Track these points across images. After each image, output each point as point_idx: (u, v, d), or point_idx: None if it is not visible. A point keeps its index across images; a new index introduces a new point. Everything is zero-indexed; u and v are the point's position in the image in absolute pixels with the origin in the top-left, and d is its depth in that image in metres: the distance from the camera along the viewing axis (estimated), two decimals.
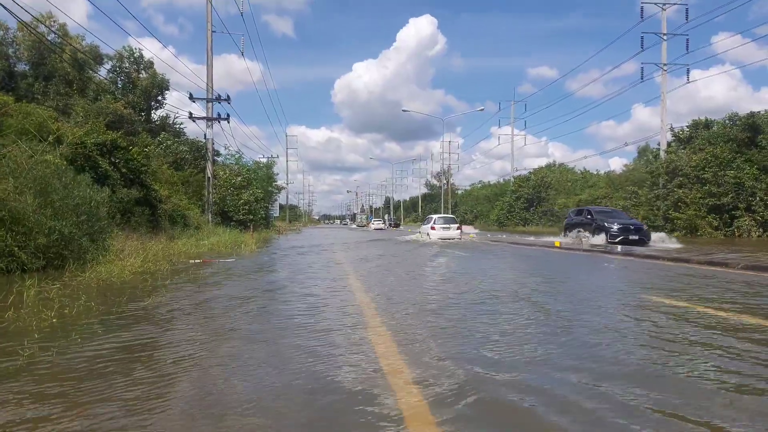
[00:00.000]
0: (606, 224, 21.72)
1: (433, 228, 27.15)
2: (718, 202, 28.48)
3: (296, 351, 4.31)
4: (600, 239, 21.29)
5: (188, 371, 3.79)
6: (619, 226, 21.24)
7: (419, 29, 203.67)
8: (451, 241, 25.96)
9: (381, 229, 64.62)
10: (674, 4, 32.98)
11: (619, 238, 20.67)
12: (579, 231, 23.23)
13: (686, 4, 32.54)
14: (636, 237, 20.68)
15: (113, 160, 16.12)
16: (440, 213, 57.50)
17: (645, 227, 22.40)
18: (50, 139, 12.86)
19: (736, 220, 28.28)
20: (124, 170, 16.52)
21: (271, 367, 3.83)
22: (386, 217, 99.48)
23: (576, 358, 4.07)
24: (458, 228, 27.71)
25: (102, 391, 3.31)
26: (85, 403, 3.11)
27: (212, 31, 26.82)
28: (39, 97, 32.70)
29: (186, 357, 4.17)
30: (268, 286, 8.73)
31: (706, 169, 29.26)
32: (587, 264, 13.48)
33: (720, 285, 8.49)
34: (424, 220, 36.94)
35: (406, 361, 3.95)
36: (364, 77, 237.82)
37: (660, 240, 21.57)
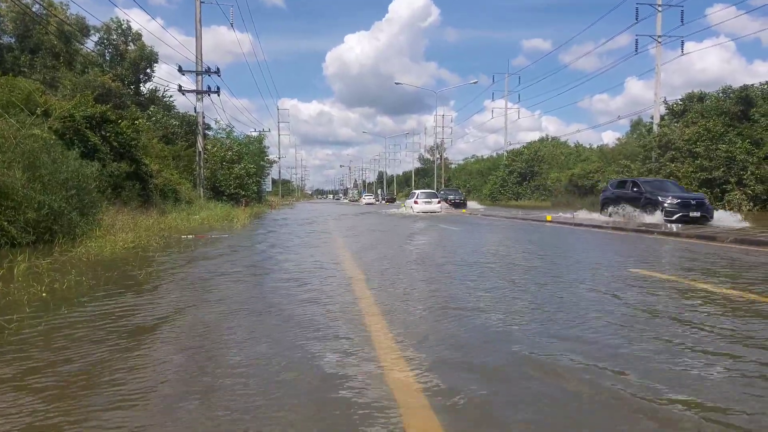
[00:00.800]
0: (660, 198, 18.52)
1: (416, 202, 31.14)
2: (710, 176, 28.59)
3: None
4: (654, 217, 18.13)
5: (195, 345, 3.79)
6: (677, 200, 18.22)
7: (412, 0, 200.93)
8: (432, 213, 29.48)
9: (372, 203, 67.93)
10: None
11: (677, 215, 17.68)
12: (624, 206, 19.92)
13: None
14: (698, 214, 17.80)
15: (103, 133, 15.91)
16: (433, 187, 59.42)
17: (707, 202, 19.23)
18: (38, 112, 12.65)
19: (727, 194, 28.43)
20: (114, 144, 16.32)
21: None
22: (380, 191, 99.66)
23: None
24: (438, 202, 31.64)
25: (88, 362, 3.30)
26: (72, 379, 3.10)
27: (201, 2, 26.35)
28: (25, 70, 32.13)
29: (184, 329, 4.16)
30: (265, 252, 8.77)
31: (698, 143, 29.30)
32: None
33: None
34: (408, 195, 42.09)
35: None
36: (356, 49, 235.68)
37: (725, 218, 18.76)
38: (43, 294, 5.31)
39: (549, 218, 20.85)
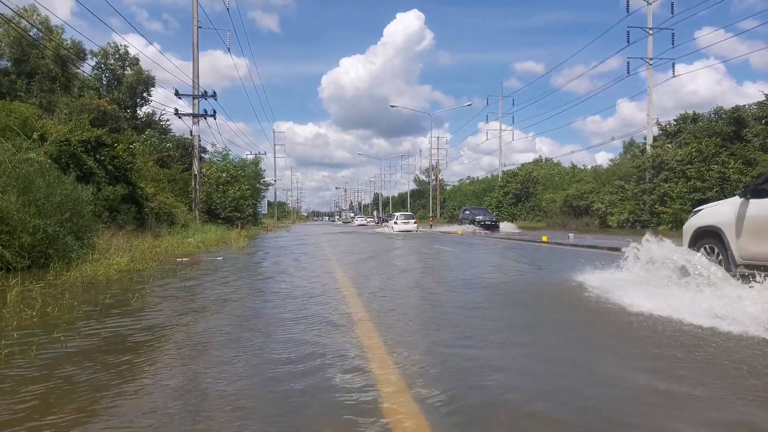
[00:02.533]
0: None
1: (395, 223, 38.82)
2: (703, 197, 28.73)
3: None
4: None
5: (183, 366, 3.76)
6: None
7: (407, 24, 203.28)
8: (408, 232, 35.52)
9: (363, 224, 73.88)
10: None
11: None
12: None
13: None
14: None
15: (98, 157, 15.94)
16: (429, 209, 60.58)
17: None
18: (34, 136, 12.69)
19: None
20: (109, 167, 16.34)
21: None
22: (375, 213, 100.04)
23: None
24: (414, 222, 39.13)
25: (78, 385, 3.27)
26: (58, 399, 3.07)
27: (198, 27, 26.61)
28: (22, 94, 32.24)
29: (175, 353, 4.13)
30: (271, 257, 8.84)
31: (691, 164, 29.51)
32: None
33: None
34: (388, 217, 52.04)
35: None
36: (351, 73, 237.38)
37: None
38: (34, 319, 5.27)
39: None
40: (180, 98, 26.69)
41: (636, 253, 7.08)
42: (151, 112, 40.01)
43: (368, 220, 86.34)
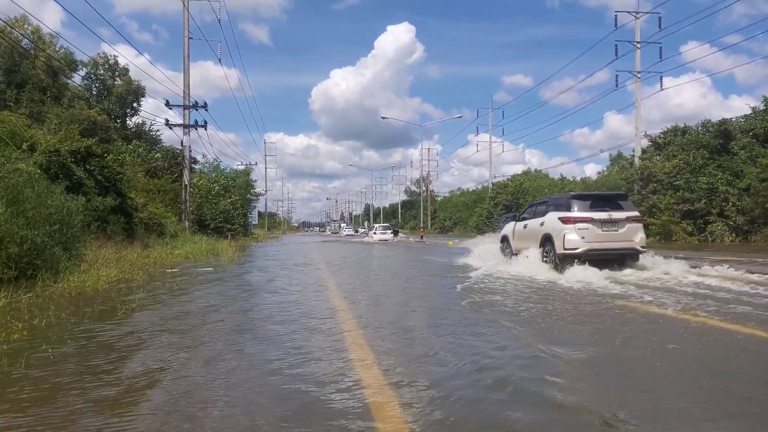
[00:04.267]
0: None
1: (375, 233, 46.54)
2: (692, 208, 28.93)
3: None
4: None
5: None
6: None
7: (397, 37, 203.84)
8: (385, 241, 40.91)
9: (350, 234, 78.53)
10: (647, 13, 33.63)
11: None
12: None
13: (659, 13, 33.18)
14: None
15: (88, 167, 15.86)
16: (420, 220, 61.18)
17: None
18: (24, 146, 12.63)
19: (709, 225, 28.74)
20: (99, 178, 16.27)
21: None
22: (366, 224, 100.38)
23: None
24: (392, 232, 46.42)
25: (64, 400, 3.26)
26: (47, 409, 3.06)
27: (189, 38, 26.64)
28: (12, 104, 32.04)
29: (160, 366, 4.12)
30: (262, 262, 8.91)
31: (679, 175, 29.76)
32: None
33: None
34: (369, 228, 62.25)
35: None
36: (341, 85, 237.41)
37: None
38: (24, 332, 5.24)
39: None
40: (171, 108, 26.68)
41: (477, 246, 17.14)
42: (141, 122, 39.88)
43: (360, 230, 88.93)
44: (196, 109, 26.67)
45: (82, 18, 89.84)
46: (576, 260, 10.56)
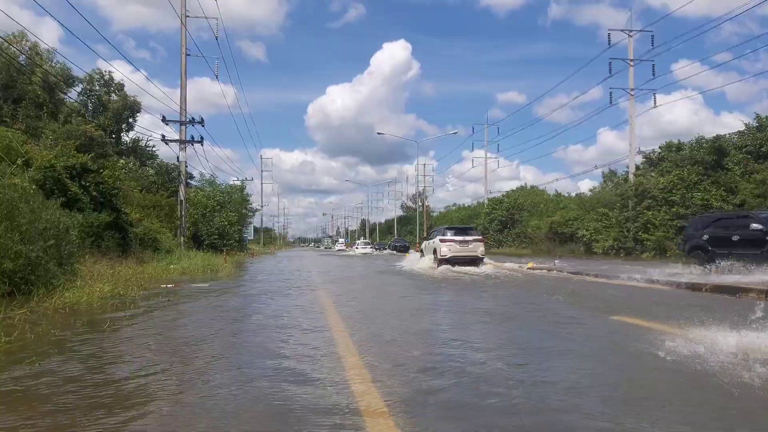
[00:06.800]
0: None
1: (357, 247, 60.17)
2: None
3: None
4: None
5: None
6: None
7: (393, 54, 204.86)
8: (366, 254, 49.77)
9: (342, 249, 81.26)
10: (640, 31, 34.00)
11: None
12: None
13: (651, 32, 33.55)
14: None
15: (83, 183, 15.85)
16: (416, 234, 61.99)
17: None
18: (19, 162, 12.62)
19: None
20: (94, 193, 16.25)
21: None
22: (362, 239, 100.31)
23: None
24: (372, 247, 61.01)
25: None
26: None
27: (186, 54, 26.81)
28: (8, 120, 32.06)
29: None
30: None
31: (674, 191, 29.91)
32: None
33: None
34: (353, 244, 76.59)
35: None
36: (337, 101, 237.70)
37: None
38: (9, 345, 5.21)
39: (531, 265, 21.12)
40: (167, 124, 26.71)
41: (412, 255, 29.12)
42: (136, 138, 39.93)
43: (355, 246, 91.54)
44: (193, 125, 26.75)
45: (80, 34, 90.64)
46: (446, 263, 19.54)
